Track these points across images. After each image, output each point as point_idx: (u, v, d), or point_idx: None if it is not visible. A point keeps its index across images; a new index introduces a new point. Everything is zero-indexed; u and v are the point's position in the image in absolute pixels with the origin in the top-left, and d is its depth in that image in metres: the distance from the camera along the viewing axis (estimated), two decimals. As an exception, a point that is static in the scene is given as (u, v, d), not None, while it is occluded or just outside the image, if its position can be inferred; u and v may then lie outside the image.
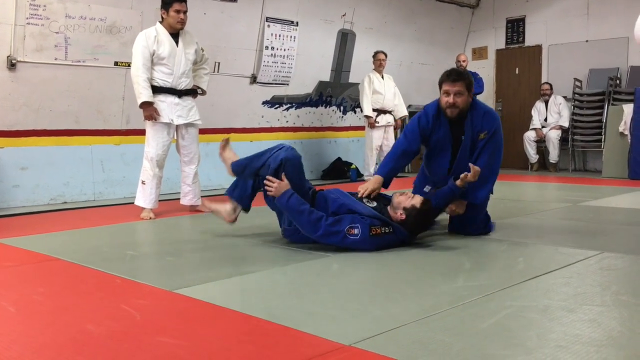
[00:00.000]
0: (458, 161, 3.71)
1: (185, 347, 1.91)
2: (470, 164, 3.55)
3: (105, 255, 3.41)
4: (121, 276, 2.85)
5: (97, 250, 3.54)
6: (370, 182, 3.67)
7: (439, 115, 3.73)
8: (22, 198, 5.67)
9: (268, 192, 3.44)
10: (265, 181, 3.41)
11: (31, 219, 4.94)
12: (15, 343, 2.00)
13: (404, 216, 3.35)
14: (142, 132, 6.42)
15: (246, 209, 3.83)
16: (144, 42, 4.65)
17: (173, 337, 2.01)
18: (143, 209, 4.84)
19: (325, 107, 8.55)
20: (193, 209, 5.11)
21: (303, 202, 3.32)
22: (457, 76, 3.64)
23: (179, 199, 5.21)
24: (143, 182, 4.82)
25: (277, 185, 3.35)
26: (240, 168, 3.80)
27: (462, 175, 3.54)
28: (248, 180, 3.73)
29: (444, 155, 3.78)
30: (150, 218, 4.77)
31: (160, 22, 4.78)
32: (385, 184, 3.77)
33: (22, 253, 3.49)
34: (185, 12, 4.73)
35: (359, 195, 3.51)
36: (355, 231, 3.21)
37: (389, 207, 3.47)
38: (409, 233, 3.43)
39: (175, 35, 4.79)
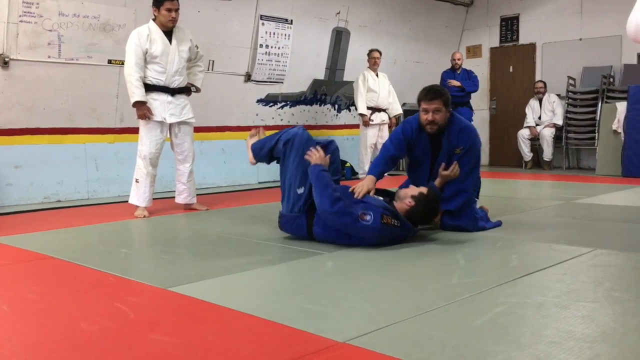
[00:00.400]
0: (435, 174, 3.86)
1: (179, 344, 1.91)
2: (455, 163, 3.74)
3: (99, 253, 3.40)
4: (115, 274, 2.85)
5: (90, 249, 3.53)
6: (365, 182, 3.70)
7: (420, 130, 3.87)
8: (16, 196, 5.65)
9: (307, 156, 3.54)
10: (312, 148, 3.56)
11: (25, 217, 4.93)
12: (8, 341, 1.99)
13: (413, 202, 3.42)
14: (136, 131, 6.39)
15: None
16: (137, 40, 4.63)
17: (167, 334, 2.01)
18: (137, 207, 4.82)
19: (320, 105, 8.55)
20: (188, 208, 5.10)
21: (331, 180, 3.46)
22: (435, 94, 3.76)
23: (173, 197, 5.20)
24: (137, 181, 4.80)
25: (320, 155, 3.53)
26: (258, 146, 3.94)
27: (441, 167, 3.75)
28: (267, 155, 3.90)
29: (423, 167, 3.95)
30: (145, 216, 4.75)
31: (153, 20, 4.75)
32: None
33: (16, 251, 3.47)
34: (177, 10, 4.71)
35: (355, 197, 3.52)
36: (368, 217, 3.26)
37: (394, 202, 3.53)
38: (414, 223, 3.49)
39: (168, 32, 4.76)
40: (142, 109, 4.66)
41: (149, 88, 4.71)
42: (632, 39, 1.19)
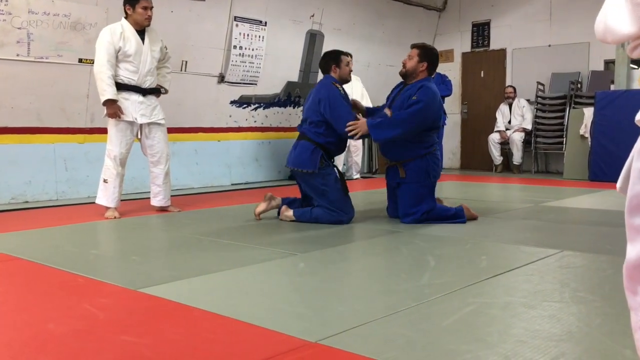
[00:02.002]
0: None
1: (149, 345, 1.90)
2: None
3: (68, 254, 3.35)
4: (84, 275, 2.81)
5: (59, 250, 3.48)
6: (363, 128, 4.19)
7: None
8: (-18, 197, 5.53)
9: (354, 134, 4.16)
10: (347, 129, 4.15)
11: (-9, 218, 4.83)
12: (-27, 343, 1.95)
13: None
14: (106, 131, 6.33)
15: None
16: (109, 37, 4.55)
17: (137, 335, 1.99)
18: (107, 208, 4.74)
19: (294, 107, 8.55)
20: (163, 210, 5.05)
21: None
22: (415, 45, 4.47)
23: (144, 198, 5.16)
24: (105, 181, 4.71)
25: (359, 124, 4.15)
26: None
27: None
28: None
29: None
30: (115, 217, 4.68)
31: (125, 18, 4.68)
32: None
33: (-19, 252, 3.40)
34: (152, 9, 4.67)
35: (353, 136, 4.20)
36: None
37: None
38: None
39: (141, 32, 4.71)
40: (113, 108, 4.59)
41: (120, 87, 4.64)
42: (600, 40, 1.22)
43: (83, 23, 5.88)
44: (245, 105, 7.87)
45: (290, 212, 4.37)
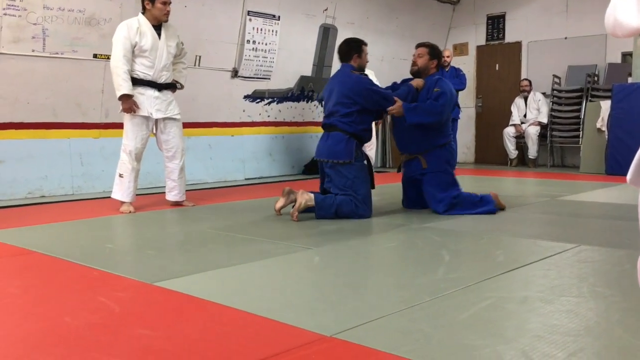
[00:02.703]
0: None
1: (164, 339, 1.90)
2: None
3: (83, 248, 3.37)
4: (99, 269, 2.83)
5: (75, 244, 3.50)
6: (399, 109, 4.37)
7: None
8: (-1, 192, 5.59)
9: (391, 113, 4.38)
10: (388, 110, 4.36)
11: (8, 212, 4.87)
12: (-9, 336, 1.97)
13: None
14: (121, 126, 6.36)
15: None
16: (126, 32, 4.56)
17: (152, 329, 2.00)
18: (122, 203, 4.77)
19: (307, 101, 8.54)
20: (177, 205, 5.05)
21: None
22: (421, 44, 4.76)
23: (159, 193, 5.19)
24: (121, 175, 4.73)
25: (397, 105, 4.33)
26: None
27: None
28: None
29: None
30: (130, 212, 4.70)
31: (143, 13, 4.69)
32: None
33: (-1, 246, 3.44)
34: (170, 4, 4.70)
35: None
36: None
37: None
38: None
39: (157, 27, 4.71)
40: (128, 103, 4.60)
41: (136, 82, 4.65)
42: (611, 33, 1.21)
43: (98, 18, 5.90)
44: (258, 100, 7.87)
45: (310, 196, 4.20)
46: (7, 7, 5.30)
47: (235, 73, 7.42)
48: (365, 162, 4.42)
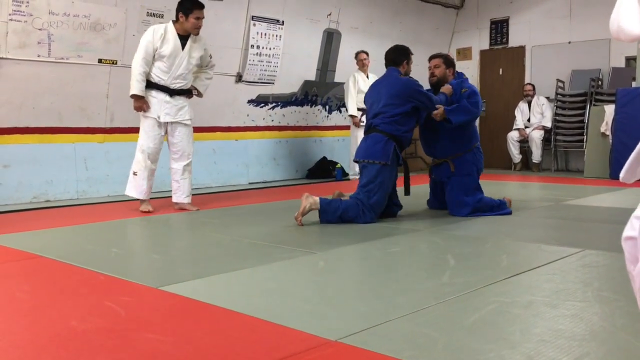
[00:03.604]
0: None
1: (170, 343, 1.91)
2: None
3: (89, 252, 3.38)
4: (105, 273, 2.84)
5: (80, 248, 3.52)
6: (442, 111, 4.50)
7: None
8: (5, 196, 5.60)
9: (435, 116, 4.47)
10: (434, 112, 4.46)
11: (14, 217, 4.89)
12: (-2, 340, 1.98)
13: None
14: (126, 130, 6.41)
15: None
16: (150, 37, 4.77)
17: (158, 333, 2.01)
18: (141, 202, 4.95)
19: (311, 106, 8.55)
20: (178, 207, 5.09)
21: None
22: (434, 55, 4.95)
23: (163, 197, 5.22)
24: (135, 173, 4.93)
25: (440, 109, 4.44)
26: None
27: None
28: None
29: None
30: (149, 211, 4.89)
31: (174, 22, 4.85)
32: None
33: (5, 251, 3.45)
34: (203, 19, 4.87)
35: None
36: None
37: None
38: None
39: (184, 37, 4.86)
40: (138, 102, 4.80)
41: (151, 85, 4.86)
42: (615, 38, 1.24)
43: (102, 24, 5.93)
44: (262, 105, 7.89)
45: (315, 199, 4.15)
46: (13, 13, 5.34)
47: (239, 78, 7.44)
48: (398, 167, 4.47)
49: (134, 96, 4.78)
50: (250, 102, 7.71)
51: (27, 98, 5.67)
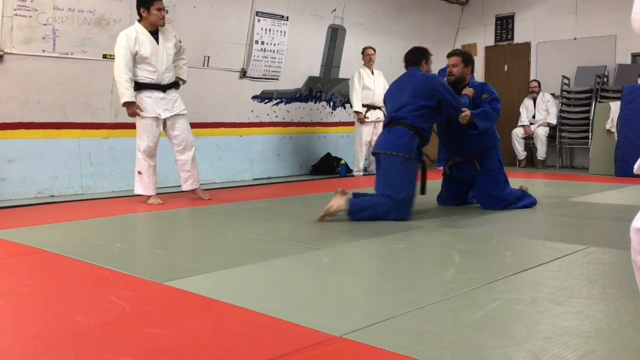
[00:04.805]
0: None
1: (175, 338, 1.91)
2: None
3: (93, 247, 3.39)
4: (110, 268, 2.84)
5: (85, 243, 3.52)
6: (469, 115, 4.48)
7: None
8: (9, 191, 5.62)
9: (462, 119, 4.44)
10: (461, 115, 4.42)
11: (18, 211, 4.90)
12: (4, 334, 1.99)
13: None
14: (130, 126, 6.39)
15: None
16: (125, 43, 4.83)
17: (163, 328, 2.01)
18: (148, 197, 5.08)
19: (315, 102, 8.54)
20: (194, 193, 5.36)
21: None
22: (452, 52, 4.87)
23: (167, 193, 5.24)
24: (139, 173, 5.05)
25: (467, 112, 4.41)
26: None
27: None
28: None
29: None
30: (159, 203, 5.02)
31: (139, 21, 4.92)
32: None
33: (10, 245, 3.46)
34: (164, 9, 4.94)
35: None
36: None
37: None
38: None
39: (154, 32, 4.94)
40: (132, 108, 4.90)
41: (142, 87, 4.93)
42: (638, 36, 1.24)
43: (107, 19, 5.93)
44: (266, 100, 7.88)
45: (344, 200, 4.07)
46: (17, 8, 5.34)
47: (243, 73, 7.44)
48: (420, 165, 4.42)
49: (126, 103, 4.85)
50: (254, 98, 7.71)
51: (31, 93, 5.68)
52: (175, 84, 5.15)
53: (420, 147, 4.29)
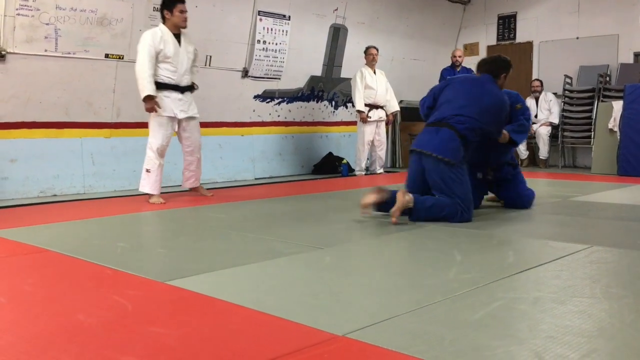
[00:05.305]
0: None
1: (177, 337, 1.91)
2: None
3: (96, 247, 3.39)
4: (112, 267, 2.84)
5: (87, 242, 3.53)
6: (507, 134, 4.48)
7: None
8: (12, 190, 5.63)
9: (503, 141, 4.41)
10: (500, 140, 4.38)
11: (21, 211, 4.91)
12: (6, 332, 1.99)
13: None
14: (132, 125, 6.42)
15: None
16: (150, 40, 4.95)
17: (165, 327, 2.01)
18: (151, 195, 5.13)
19: (317, 101, 8.54)
20: (196, 191, 5.51)
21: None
22: (483, 63, 4.60)
23: (168, 192, 5.27)
24: (148, 170, 5.11)
25: (505, 133, 4.37)
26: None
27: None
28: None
29: None
30: (162, 202, 5.05)
31: (163, 23, 5.06)
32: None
33: (13, 244, 3.46)
34: (187, 12, 5.09)
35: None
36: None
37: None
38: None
39: (177, 35, 5.10)
40: (151, 102, 4.95)
41: (161, 86, 5.04)
42: None
43: (109, 19, 5.94)
44: (268, 100, 7.88)
45: (410, 197, 3.94)
46: (20, 7, 5.34)
47: (245, 73, 7.44)
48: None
49: (146, 97, 4.92)
50: (256, 97, 7.71)
51: (33, 93, 5.68)
52: (191, 87, 5.32)
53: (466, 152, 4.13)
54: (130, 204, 5.20)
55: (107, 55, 6.02)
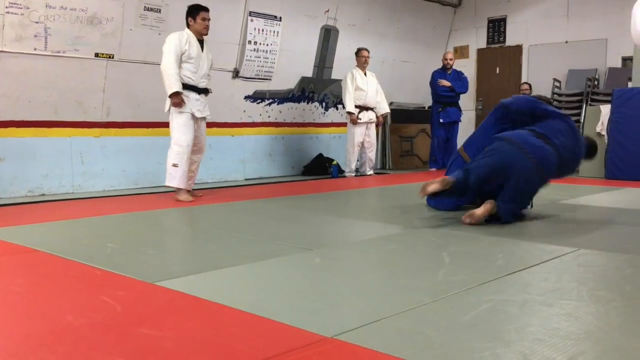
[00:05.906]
0: None
1: (166, 338, 1.91)
2: None
3: (85, 247, 3.38)
4: (101, 268, 2.83)
5: (76, 243, 3.51)
6: None
7: None
8: (0, 189, 5.58)
9: None
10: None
11: (9, 210, 4.87)
12: (-7, 334, 1.98)
13: None
14: (122, 125, 6.40)
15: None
16: (177, 41, 5.17)
17: (154, 328, 2.01)
18: (179, 192, 5.25)
19: (308, 102, 8.55)
20: (191, 192, 5.51)
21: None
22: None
23: (160, 192, 5.23)
24: (175, 165, 5.22)
25: None
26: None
27: None
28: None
29: None
30: (191, 200, 5.21)
31: (188, 28, 5.28)
32: None
33: (1, 244, 3.44)
34: (209, 20, 5.30)
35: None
36: None
37: None
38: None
39: (200, 41, 5.32)
40: (179, 98, 5.14)
41: (182, 86, 5.19)
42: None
43: (99, 18, 5.91)
44: (259, 101, 7.88)
45: (490, 205, 4.10)
46: (9, 6, 5.31)
47: (236, 73, 7.43)
48: None
49: (174, 93, 5.09)
50: (247, 98, 7.71)
51: (23, 91, 5.65)
52: (206, 90, 5.51)
53: None
54: (120, 203, 5.19)
55: (97, 55, 5.99)
